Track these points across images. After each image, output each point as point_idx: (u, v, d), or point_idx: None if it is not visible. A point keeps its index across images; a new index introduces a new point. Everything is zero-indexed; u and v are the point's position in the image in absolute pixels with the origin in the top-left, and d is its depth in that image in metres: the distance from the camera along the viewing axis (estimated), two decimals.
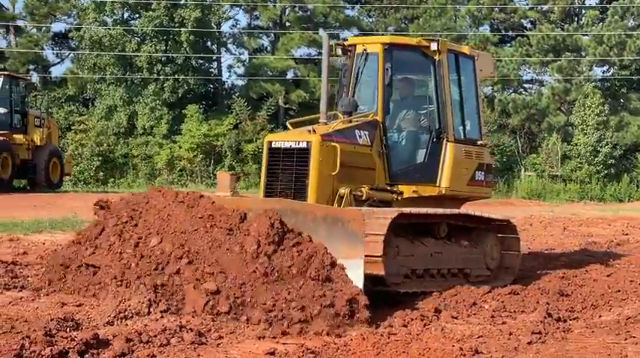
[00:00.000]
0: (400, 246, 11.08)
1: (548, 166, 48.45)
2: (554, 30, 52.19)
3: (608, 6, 52.34)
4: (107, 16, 53.32)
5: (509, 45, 54.96)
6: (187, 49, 51.73)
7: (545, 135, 50.72)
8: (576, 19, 53.79)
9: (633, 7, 51.56)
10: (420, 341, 8.64)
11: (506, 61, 52.18)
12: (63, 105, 53.05)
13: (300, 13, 56.59)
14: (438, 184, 12.61)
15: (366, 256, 9.87)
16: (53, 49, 60.14)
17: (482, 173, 13.30)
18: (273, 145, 11.62)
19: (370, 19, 58.66)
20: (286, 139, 11.65)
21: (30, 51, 56.43)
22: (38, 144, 33.21)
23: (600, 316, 10.35)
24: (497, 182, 13.93)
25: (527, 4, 55.34)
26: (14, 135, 31.94)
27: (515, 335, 8.99)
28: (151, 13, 51.16)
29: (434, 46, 12.51)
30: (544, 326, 9.42)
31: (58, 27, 58.95)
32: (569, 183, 46.49)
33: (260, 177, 12.09)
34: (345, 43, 13.20)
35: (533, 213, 26.09)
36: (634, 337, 8.94)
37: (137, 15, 53.42)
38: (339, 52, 13.17)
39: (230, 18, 58.29)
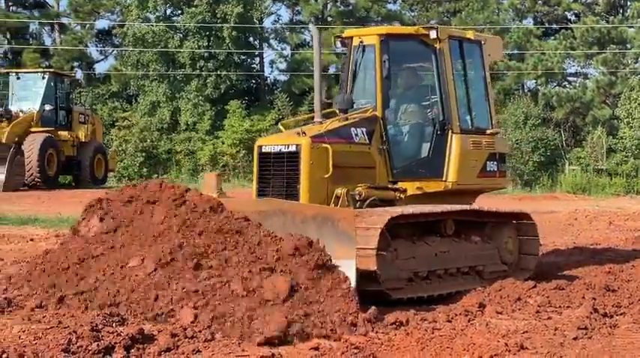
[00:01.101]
0: (399, 248, 10.62)
1: (593, 160, 48.13)
2: (599, 22, 51.89)
3: None
4: (150, 12, 53.66)
5: (553, 38, 54.63)
6: (229, 44, 51.90)
7: (590, 128, 50.44)
8: (621, 11, 53.45)
9: None
10: (464, 336, 8.63)
11: (550, 54, 51.91)
12: (107, 102, 53.45)
13: (342, 7, 56.58)
14: (444, 179, 12.08)
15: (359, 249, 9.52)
16: (97, 46, 60.70)
17: (495, 163, 12.72)
18: (263, 150, 11.15)
19: (412, 14, 58.52)
20: (276, 143, 11.19)
21: (74, 48, 56.89)
22: (83, 140, 33.48)
23: None
24: (505, 171, 13.16)
25: None
26: (59, 132, 32.24)
27: (561, 331, 8.94)
28: (193, 9, 51.38)
29: (433, 34, 11.93)
30: (590, 322, 9.36)
31: (101, 24, 59.52)
32: (615, 177, 46.20)
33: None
34: (343, 35, 12.70)
35: (578, 208, 25.90)
36: None
37: (179, 11, 53.68)
38: (338, 44, 12.75)
39: (272, 13, 58.51)
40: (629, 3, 53.12)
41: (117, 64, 57.03)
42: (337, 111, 11.76)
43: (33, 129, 31.19)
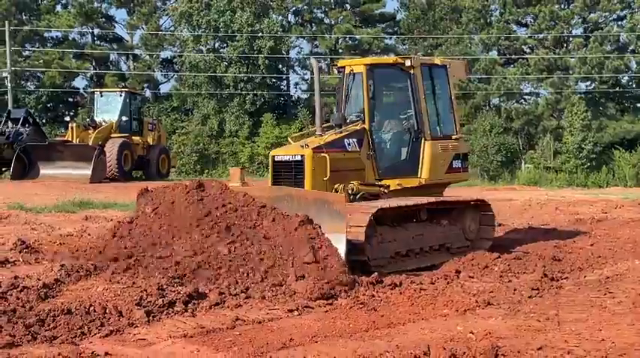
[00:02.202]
0: (383, 233, 10.62)
1: (543, 160, 48.11)
2: (548, 53, 51.81)
3: (590, 35, 51.97)
4: (202, 45, 53.71)
5: (512, 66, 54.43)
6: (263, 70, 51.96)
7: (541, 135, 50.40)
8: (565, 44, 53.28)
9: (610, 35, 51.38)
10: (444, 295, 8.63)
11: (510, 78, 51.81)
12: (169, 114, 53.56)
13: (350, 42, 56.52)
14: (419, 176, 11.99)
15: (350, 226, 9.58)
16: (162, 71, 60.78)
17: (459, 161, 12.61)
18: (276, 159, 11.18)
19: (404, 47, 58.39)
20: (286, 153, 11.22)
21: (144, 73, 57.04)
22: (151, 144, 33.50)
23: (585, 276, 10.23)
24: (468, 167, 12.99)
25: (527, 34, 54.81)
26: (133, 137, 32.28)
27: (519, 291, 8.93)
28: (235, 43, 51.43)
29: (408, 63, 11.84)
30: (541, 284, 9.35)
31: (165, 54, 59.58)
32: (560, 173, 46.07)
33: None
34: (338, 64, 12.55)
35: (532, 197, 25.80)
36: (611, 292, 8.84)
37: (225, 44, 53.71)
38: (335, 72, 12.65)
39: (296, 46, 58.55)
40: (571, 39, 52.94)
41: (177, 85, 57.16)
42: (334, 126, 11.78)
43: (112, 135, 31.24)
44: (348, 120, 11.77)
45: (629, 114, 52.47)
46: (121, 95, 33.00)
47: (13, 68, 48.92)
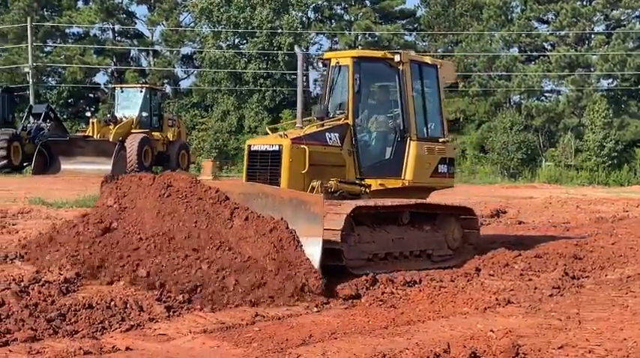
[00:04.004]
0: (361, 233, 10.02)
1: (564, 158, 47.87)
2: (569, 51, 51.52)
3: (612, 32, 51.65)
4: (222, 42, 53.81)
5: (533, 63, 54.16)
6: (283, 67, 51.98)
7: (562, 133, 50.15)
8: (587, 42, 52.96)
9: (632, 32, 51.08)
10: (464, 292, 8.60)
11: (530, 75, 51.58)
12: (189, 110, 53.71)
13: (370, 38, 56.42)
14: (402, 177, 11.33)
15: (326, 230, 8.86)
16: (181, 67, 60.97)
17: (445, 166, 11.93)
18: (252, 148, 10.56)
19: (424, 43, 58.22)
20: (262, 143, 10.59)
21: (164, 69, 57.26)
22: (171, 139, 33.62)
23: (606, 275, 10.18)
24: (454, 173, 12.31)
25: (548, 31, 54.54)
26: (153, 133, 32.41)
27: (539, 289, 8.89)
28: (255, 39, 51.50)
29: (397, 58, 11.23)
30: (562, 283, 9.31)
31: (185, 50, 59.75)
32: (581, 171, 45.94)
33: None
34: (323, 57, 11.90)
35: (552, 195, 25.69)
36: (633, 291, 8.80)
37: (245, 41, 53.80)
38: (321, 65, 12.03)
39: (315, 43, 58.43)
40: (593, 36, 52.63)
41: (197, 81, 57.32)
42: (315, 119, 11.30)
43: (133, 131, 31.38)
44: (331, 114, 11.27)
45: None
46: (141, 91, 33.14)
47: (34, 64, 49.25)
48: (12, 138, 30.61)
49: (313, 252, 8.35)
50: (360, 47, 55.30)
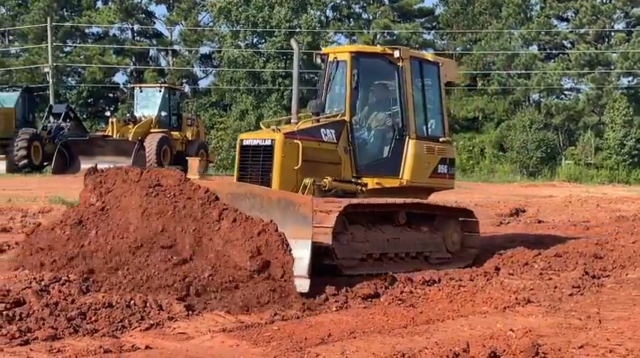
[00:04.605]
0: (355, 232, 9.78)
1: (584, 156, 47.63)
2: (589, 49, 51.23)
3: (632, 29, 51.34)
4: (240, 41, 53.90)
5: (553, 61, 53.91)
6: (301, 65, 51.87)
7: (582, 131, 49.89)
8: (607, 39, 52.66)
9: None
10: (483, 292, 8.58)
11: (550, 73, 51.34)
12: (208, 110, 53.84)
13: (388, 37, 56.31)
14: (400, 177, 11.03)
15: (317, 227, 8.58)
16: (200, 67, 61.11)
17: (445, 166, 11.61)
18: (244, 143, 10.25)
19: (443, 42, 58.04)
20: (255, 137, 10.29)
21: (183, 68, 57.44)
22: (189, 139, 33.70)
23: (627, 274, 10.12)
24: (454, 174, 11.97)
25: (568, 28, 54.26)
26: (172, 132, 32.50)
27: (559, 289, 8.85)
28: (273, 38, 51.53)
29: (397, 54, 10.98)
30: (582, 282, 9.26)
31: (204, 50, 59.85)
32: (601, 169, 45.71)
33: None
34: (321, 52, 11.78)
35: (572, 193, 25.55)
36: None
37: (263, 40, 53.85)
38: (319, 60, 11.71)
39: (334, 42, 58.34)
40: (613, 33, 52.34)
41: (215, 80, 57.45)
42: (310, 114, 10.99)
43: (152, 130, 31.48)
44: (328, 111, 11.05)
45: None
46: (160, 90, 33.25)
47: (54, 64, 49.56)
48: (32, 137, 30.84)
49: (302, 254, 7.99)
50: (378, 46, 55.30)
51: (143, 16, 59.67)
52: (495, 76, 52.47)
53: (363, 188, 10.68)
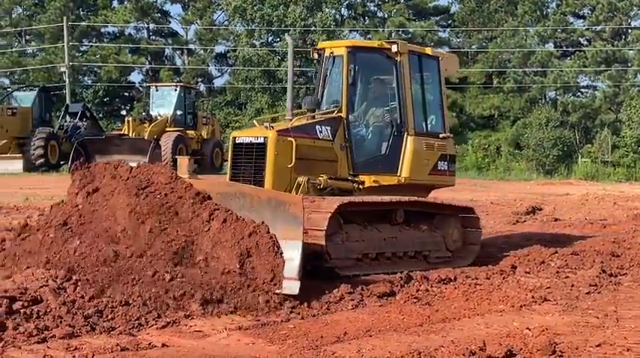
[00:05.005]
0: (350, 231, 9.51)
1: (601, 154, 47.42)
2: (606, 46, 50.99)
3: None
4: (255, 40, 53.97)
5: (569, 58, 53.67)
6: (316, 64, 51.94)
7: (598, 129, 49.66)
8: (624, 36, 52.37)
9: None
10: (500, 290, 8.55)
11: (566, 71, 51.15)
12: (223, 108, 53.97)
13: (403, 35, 56.20)
14: (398, 174, 10.72)
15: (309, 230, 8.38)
16: (216, 66, 61.24)
17: (446, 163, 11.30)
18: (237, 141, 10.01)
19: (459, 40, 57.89)
20: (248, 135, 10.06)
21: (198, 67, 57.57)
22: (205, 137, 33.84)
23: None
24: (454, 171, 11.62)
25: (584, 26, 54.02)
26: (187, 131, 32.65)
27: (576, 287, 8.82)
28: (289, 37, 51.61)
29: (394, 48, 10.65)
30: (599, 280, 9.22)
31: (219, 49, 59.98)
32: (618, 167, 45.47)
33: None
34: (318, 47, 11.39)
35: (589, 191, 25.43)
36: None
37: (278, 39, 53.92)
38: (315, 55, 11.33)
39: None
40: (630, 30, 52.05)
41: (230, 79, 57.57)
42: (305, 111, 10.67)
43: (167, 129, 31.64)
44: (325, 107, 10.74)
45: None
46: (175, 89, 33.40)
47: (70, 63, 49.82)
48: (49, 136, 31.07)
49: (293, 255, 7.68)
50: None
51: (158, 15, 59.87)
52: (511, 74, 52.29)
53: (360, 186, 10.45)
